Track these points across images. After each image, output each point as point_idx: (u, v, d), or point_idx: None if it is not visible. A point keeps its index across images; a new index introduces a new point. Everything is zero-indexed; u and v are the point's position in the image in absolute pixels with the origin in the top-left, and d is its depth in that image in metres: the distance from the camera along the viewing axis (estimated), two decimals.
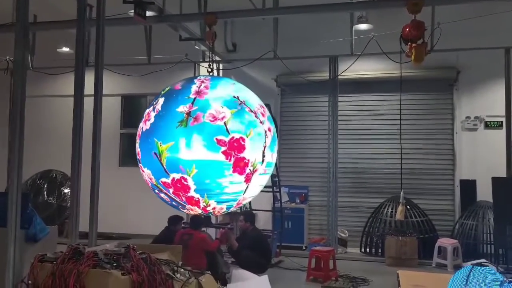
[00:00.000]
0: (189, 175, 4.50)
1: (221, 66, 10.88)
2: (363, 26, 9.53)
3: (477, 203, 9.49)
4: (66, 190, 11.69)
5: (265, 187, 6.04)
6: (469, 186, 9.82)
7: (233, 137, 4.56)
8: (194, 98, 4.67)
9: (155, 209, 9.78)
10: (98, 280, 3.49)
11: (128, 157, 11.81)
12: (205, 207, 4.82)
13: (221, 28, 10.85)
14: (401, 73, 7.59)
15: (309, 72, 10.25)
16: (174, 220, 7.59)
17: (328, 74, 10.03)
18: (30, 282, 3.57)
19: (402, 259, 8.69)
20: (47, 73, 10.65)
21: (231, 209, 5.16)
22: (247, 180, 4.70)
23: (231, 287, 6.33)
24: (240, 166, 4.61)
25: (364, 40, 8.69)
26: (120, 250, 3.83)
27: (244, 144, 4.59)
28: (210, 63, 7.26)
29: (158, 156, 4.55)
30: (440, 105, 10.42)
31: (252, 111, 4.78)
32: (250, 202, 8.93)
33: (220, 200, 4.80)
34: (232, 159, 4.57)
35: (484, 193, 9.49)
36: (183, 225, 7.65)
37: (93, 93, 5.37)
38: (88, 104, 5.96)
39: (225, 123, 4.57)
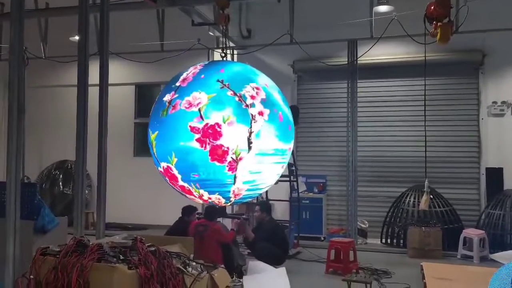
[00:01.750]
0: (172, 164, 4.35)
1: (235, 52, 10.56)
2: (383, 8, 9.09)
3: (504, 192, 9.07)
4: (75, 179, 11.57)
5: (282, 176, 5.79)
6: (495, 174, 9.40)
7: (207, 124, 4.31)
8: (178, 86, 4.50)
9: (170, 199, 9.58)
10: (102, 274, 3.29)
11: (142, 147, 11.63)
12: (200, 196, 4.58)
13: (235, 14, 10.55)
14: (425, 55, 7.16)
15: (327, 57, 9.86)
16: (188, 211, 7.38)
17: (346, 59, 9.62)
18: (31, 277, 3.37)
19: (426, 251, 8.34)
20: (58, 61, 10.47)
21: (231, 200, 4.87)
22: (231, 169, 4.40)
23: (248, 279, 6.11)
24: (218, 154, 4.36)
25: (384, 23, 8.28)
26: (127, 242, 3.61)
27: (220, 131, 4.32)
28: (224, 48, 7.01)
29: (151, 146, 4.51)
30: (464, 90, 9.94)
31: (236, 94, 4.46)
32: (266, 192, 8.66)
33: (211, 190, 4.54)
34: (208, 146, 4.34)
35: None
36: (197, 216, 7.42)
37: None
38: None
39: (199, 109, 4.34)
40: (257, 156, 4.38)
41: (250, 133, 4.31)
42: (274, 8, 10.26)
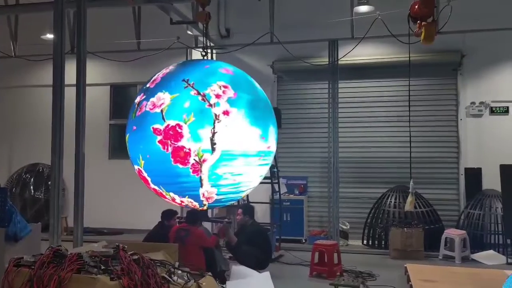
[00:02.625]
0: (141, 166, 4.31)
1: (214, 52, 10.36)
2: (363, 8, 9.06)
3: (482, 191, 9.15)
4: (50, 184, 11.18)
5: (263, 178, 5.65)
6: (474, 175, 9.47)
7: (168, 125, 4.18)
8: (148, 87, 4.44)
9: (147, 203, 9.33)
10: (83, 286, 3.04)
11: (118, 149, 11.31)
12: (172, 199, 4.42)
13: (213, 13, 10.30)
14: (409, 56, 7.10)
15: (307, 58, 9.74)
16: (168, 215, 7.13)
17: (327, 59, 9.54)
18: None
19: (408, 252, 8.31)
20: (28, 59, 10.06)
21: (205, 203, 4.70)
22: (195, 171, 4.21)
23: (231, 285, 5.91)
24: (180, 156, 4.19)
25: (364, 23, 8.23)
26: (108, 251, 3.37)
27: (181, 132, 4.15)
28: (204, 47, 6.80)
29: (127, 148, 4.48)
30: (443, 91, 9.99)
31: (199, 94, 4.27)
32: (247, 195, 8.49)
33: (181, 194, 4.44)
34: (170, 148, 4.19)
35: (490, 181, 9.19)
36: (178, 220, 7.18)
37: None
38: (74, 93, 5.49)
39: (161, 110, 4.24)
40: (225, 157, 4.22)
41: (213, 133, 4.13)
42: (253, 8, 10.10)
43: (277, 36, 8.80)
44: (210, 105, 4.19)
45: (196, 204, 4.65)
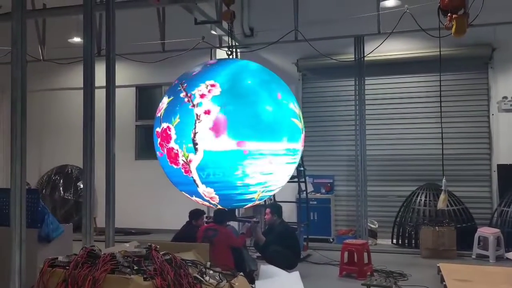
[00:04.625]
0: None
1: (238, 51, 10.32)
2: (389, 3, 8.91)
3: None
4: (82, 186, 11.35)
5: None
6: (507, 171, 9.19)
7: (163, 127, 4.35)
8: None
9: (174, 203, 9.39)
10: (117, 287, 3.03)
11: (144, 150, 11.42)
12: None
13: (237, 12, 10.27)
14: (440, 50, 6.90)
15: (333, 55, 9.62)
16: (196, 215, 7.13)
17: (353, 56, 9.39)
18: None
19: (440, 251, 8.11)
20: (57, 63, 10.22)
21: (206, 204, 4.75)
22: (187, 172, 4.23)
23: (261, 284, 5.85)
24: (172, 157, 4.26)
25: (391, 18, 8.07)
26: (141, 251, 3.36)
27: (170, 134, 4.22)
28: (230, 47, 6.77)
29: None
30: (474, 85, 9.72)
31: (187, 95, 4.29)
32: (274, 194, 8.43)
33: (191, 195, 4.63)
34: (165, 150, 4.35)
35: None
36: (205, 220, 7.18)
37: (104, 84, 5.00)
38: (100, 96, 5.56)
39: (161, 114, 4.44)
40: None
41: (195, 134, 4.13)
42: (276, 6, 10.06)
43: (302, 33, 8.72)
44: (193, 105, 4.22)
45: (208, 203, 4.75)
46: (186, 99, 4.33)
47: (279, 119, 4.51)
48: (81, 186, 11.39)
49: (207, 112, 4.25)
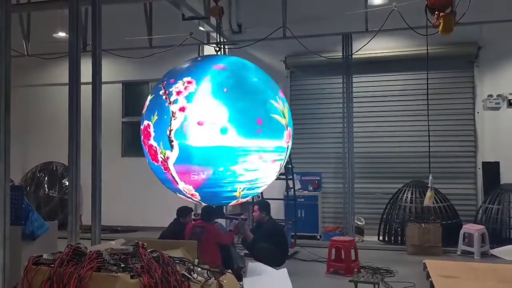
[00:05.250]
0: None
1: (226, 47, 10.28)
2: (377, 1, 8.95)
3: (501, 186, 8.97)
4: (68, 183, 11.21)
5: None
6: (492, 169, 9.30)
7: (145, 125, 4.42)
8: None
9: (161, 200, 9.32)
10: (103, 285, 2.99)
11: (131, 147, 11.30)
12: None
13: (225, 8, 10.24)
14: (427, 48, 6.94)
15: (321, 52, 9.62)
16: (184, 212, 7.10)
17: (341, 54, 9.41)
18: None
19: (425, 247, 8.18)
20: (42, 58, 10.06)
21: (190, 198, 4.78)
22: (166, 169, 4.23)
23: (248, 281, 5.84)
24: (152, 154, 4.29)
25: (379, 16, 8.11)
26: (128, 248, 3.32)
27: (150, 131, 4.21)
28: (218, 43, 6.74)
29: None
30: (459, 84, 9.81)
31: (165, 93, 4.29)
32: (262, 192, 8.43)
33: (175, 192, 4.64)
34: (146, 147, 4.40)
35: (509, 175, 9.07)
36: (193, 217, 7.14)
37: (90, 80, 4.93)
38: (86, 92, 5.48)
39: (144, 112, 4.50)
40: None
41: (170, 131, 4.12)
42: (264, 2, 10.03)
43: (290, 30, 8.71)
44: (170, 102, 4.22)
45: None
46: (164, 97, 4.32)
47: (253, 114, 4.50)
48: (66, 183, 11.24)
49: (182, 109, 4.23)
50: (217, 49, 6.49)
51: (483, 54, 9.54)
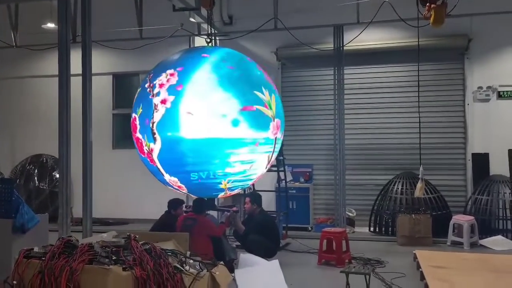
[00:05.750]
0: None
1: (217, 39, 10.21)
2: None
3: (490, 177, 9.06)
4: (58, 175, 11.15)
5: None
6: (481, 160, 9.37)
7: (132, 118, 4.46)
8: None
9: (152, 192, 9.31)
10: (95, 277, 2.98)
11: (122, 139, 11.24)
12: None
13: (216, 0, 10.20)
14: (418, 40, 6.96)
15: (312, 44, 9.60)
16: (175, 204, 7.08)
17: (332, 45, 9.40)
18: (14, 282, 3.04)
19: (416, 238, 8.25)
20: (31, 49, 9.94)
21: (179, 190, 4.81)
22: (152, 161, 4.25)
23: (240, 273, 5.87)
24: (139, 147, 4.32)
25: (370, 7, 8.10)
26: (119, 241, 3.31)
27: (136, 124, 4.26)
28: (209, 34, 6.70)
29: None
30: (450, 76, 9.85)
31: (150, 85, 4.29)
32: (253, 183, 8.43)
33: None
34: (134, 139, 4.47)
35: (498, 166, 9.11)
36: (184, 209, 7.14)
37: (80, 72, 4.87)
38: (76, 84, 5.42)
39: (133, 105, 4.52)
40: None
41: (152, 123, 4.12)
42: None
43: (281, 21, 8.68)
44: (153, 95, 4.22)
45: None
46: (148, 89, 4.32)
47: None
48: (57, 176, 11.17)
49: (163, 102, 4.21)
50: (208, 40, 6.44)
51: (473, 46, 9.59)
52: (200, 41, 9.62)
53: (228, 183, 4.75)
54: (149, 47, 9.51)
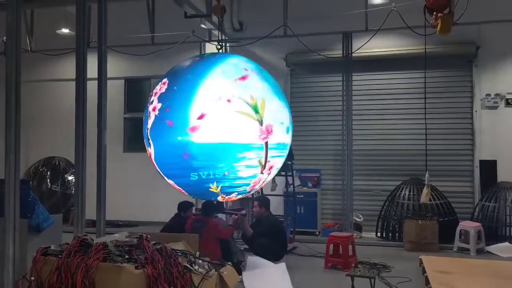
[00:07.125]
0: None
1: (228, 45, 10.39)
2: (377, 0, 9.05)
3: (498, 184, 9.08)
4: (70, 178, 11.40)
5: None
6: (489, 167, 9.41)
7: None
8: None
9: (162, 195, 9.47)
10: (109, 275, 3.12)
11: (133, 143, 11.43)
12: None
13: (227, 6, 10.33)
14: (425, 48, 7.06)
15: (321, 50, 9.73)
16: (185, 206, 7.23)
17: (341, 52, 9.52)
18: (33, 278, 3.19)
19: (422, 244, 8.31)
20: (46, 54, 10.18)
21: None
22: (154, 164, 4.33)
23: (248, 275, 5.99)
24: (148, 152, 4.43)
25: (378, 15, 8.21)
26: (132, 240, 3.45)
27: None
28: (220, 41, 6.84)
29: None
30: (458, 83, 9.92)
31: (151, 94, 4.39)
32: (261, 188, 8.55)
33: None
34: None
35: (506, 173, 9.16)
36: (194, 212, 7.28)
37: (94, 75, 5.03)
38: (90, 88, 5.58)
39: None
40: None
41: (148, 129, 4.21)
42: (265, 1, 10.12)
43: (291, 29, 8.81)
44: (151, 103, 4.30)
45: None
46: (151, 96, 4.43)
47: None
48: (69, 178, 11.40)
49: (154, 109, 4.28)
50: (219, 47, 6.59)
51: (481, 53, 9.65)
52: (211, 48, 9.80)
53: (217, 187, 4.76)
54: (160, 53, 9.70)
